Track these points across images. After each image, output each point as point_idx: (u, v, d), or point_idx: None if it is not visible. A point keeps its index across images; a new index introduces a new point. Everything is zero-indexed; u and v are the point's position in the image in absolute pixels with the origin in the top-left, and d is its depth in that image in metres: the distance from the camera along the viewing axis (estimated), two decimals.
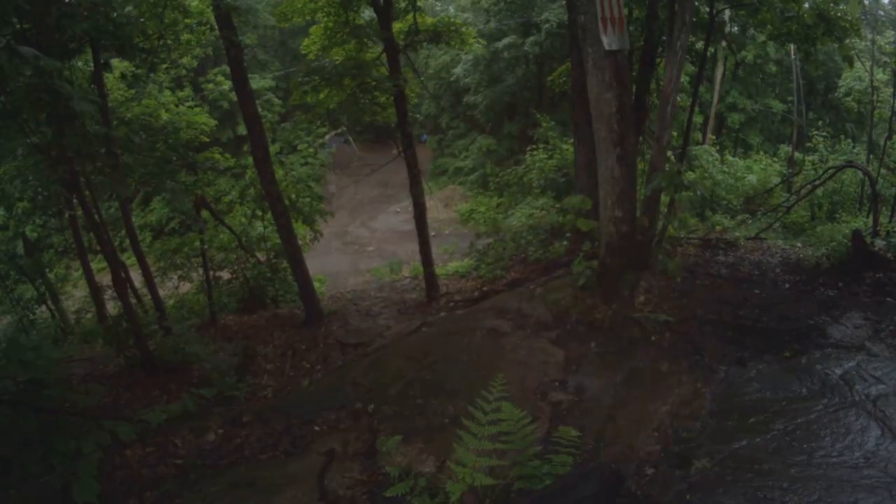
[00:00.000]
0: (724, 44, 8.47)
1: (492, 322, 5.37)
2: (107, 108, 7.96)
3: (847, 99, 17.08)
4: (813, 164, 12.19)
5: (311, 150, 12.55)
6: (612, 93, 4.69)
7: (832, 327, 4.39)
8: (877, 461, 2.74)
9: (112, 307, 9.91)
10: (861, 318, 4.44)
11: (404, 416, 4.12)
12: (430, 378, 4.59)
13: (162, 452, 4.15)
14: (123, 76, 8.23)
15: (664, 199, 5.82)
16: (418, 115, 23.26)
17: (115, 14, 6.18)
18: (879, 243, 5.72)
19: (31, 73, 2.88)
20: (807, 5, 7.12)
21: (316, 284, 10.13)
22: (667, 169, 5.30)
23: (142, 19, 7.66)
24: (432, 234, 11.67)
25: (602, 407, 4.00)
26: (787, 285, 5.38)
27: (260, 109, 10.81)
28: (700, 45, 8.22)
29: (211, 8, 7.90)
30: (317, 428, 4.31)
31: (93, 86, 8.18)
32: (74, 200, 7.52)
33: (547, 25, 18.70)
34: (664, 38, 7.38)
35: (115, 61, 8.26)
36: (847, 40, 6.45)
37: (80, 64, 7.92)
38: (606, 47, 4.57)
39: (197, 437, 4.37)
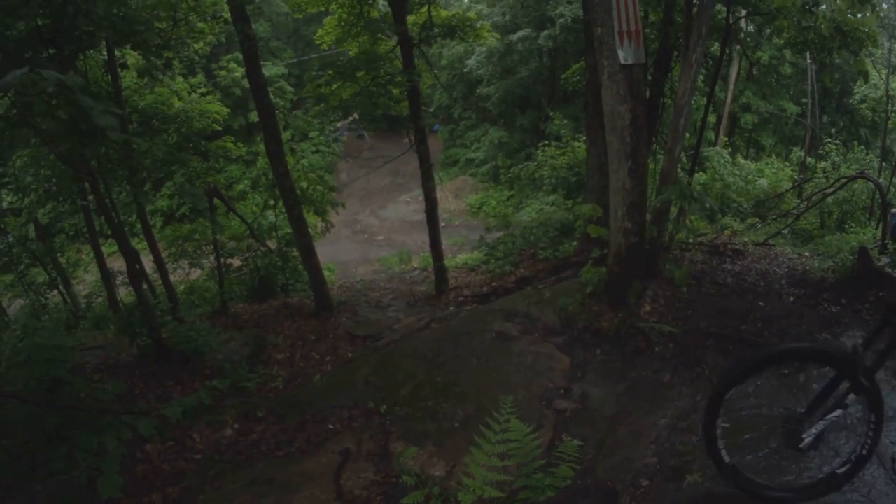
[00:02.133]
0: (738, 47, 8.44)
1: (500, 325, 5.50)
2: (120, 97, 8.03)
3: (862, 106, 16.87)
4: (824, 171, 12.16)
5: (322, 138, 12.65)
6: (627, 106, 4.73)
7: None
8: (861, 486, 2.82)
9: (123, 293, 10.10)
10: (861, 338, 4.50)
11: (416, 419, 4.26)
12: (441, 380, 4.73)
13: (181, 447, 4.32)
14: (140, 75, 8.27)
15: (673, 207, 5.90)
16: (429, 109, 23.22)
17: (124, 12, 6.20)
18: (885, 260, 5.77)
19: (53, 89, 2.94)
20: (824, 6, 7.08)
21: (325, 273, 10.28)
22: (678, 178, 5.38)
23: (155, 11, 7.69)
24: (442, 224, 11.77)
25: (604, 417, 4.11)
26: (792, 298, 5.45)
27: (272, 97, 10.85)
28: (715, 48, 8.21)
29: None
30: (330, 426, 4.46)
31: (106, 74, 8.27)
32: (86, 186, 7.62)
33: (562, 20, 18.53)
34: (680, 40, 7.38)
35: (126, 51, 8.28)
36: (863, 53, 6.42)
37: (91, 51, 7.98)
38: (622, 61, 4.61)
39: (214, 432, 4.55)
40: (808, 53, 10.22)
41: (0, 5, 5.00)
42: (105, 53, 7.92)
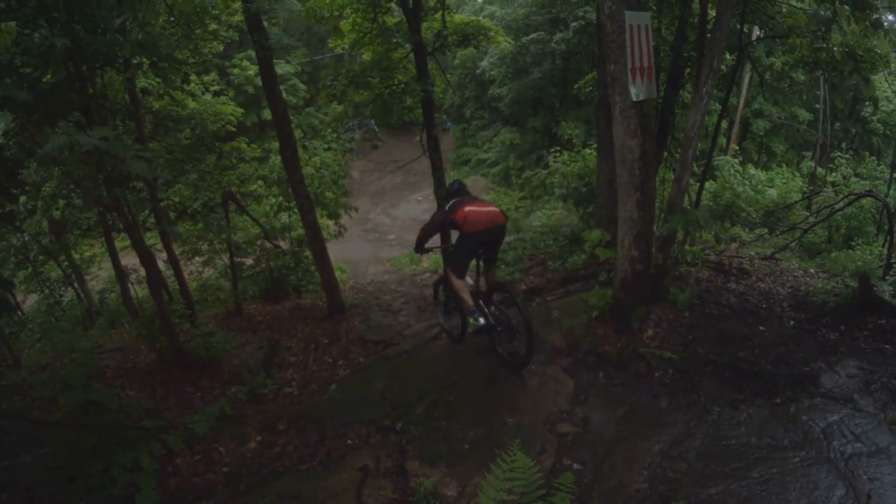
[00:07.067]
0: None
1: None
2: (139, 111, 8.18)
3: (873, 119, 16.73)
4: (834, 185, 12.19)
5: (334, 135, 12.81)
6: (637, 140, 4.88)
7: (826, 375, 4.60)
8: None
9: (138, 291, 10.36)
10: (856, 367, 4.67)
11: (429, 438, 4.49)
12: (453, 400, 4.97)
13: (208, 460, 4.57)
14: (161, 96, 8.42)
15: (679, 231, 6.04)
16: (444, 116, 23.12)
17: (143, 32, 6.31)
18: (886, 288, 5.90)
19: (89, 146, 3.16)
20: (837, 18, 7.08)
21: (336, 273, 10.52)
22: (684, 208, 5.53)
23: (171, 18, 7.79)
24: None
25: (602, 441, 4.29)
26: (792, 323, 5.59)
27: (285, 95, 10.96)
28: (728, 59, 8.24)
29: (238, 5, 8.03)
30: (349, 441, 4.68)
31: (123, 72, 8.40)
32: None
33: (575, 23, 18.37)
34: (693, 55, 7.44)
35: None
36: (874, 78, 6.47)
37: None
38: (634, 98, 4.74)
39: (239, 445, 4.80)
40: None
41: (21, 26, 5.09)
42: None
